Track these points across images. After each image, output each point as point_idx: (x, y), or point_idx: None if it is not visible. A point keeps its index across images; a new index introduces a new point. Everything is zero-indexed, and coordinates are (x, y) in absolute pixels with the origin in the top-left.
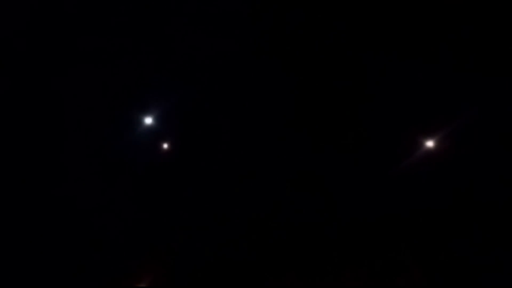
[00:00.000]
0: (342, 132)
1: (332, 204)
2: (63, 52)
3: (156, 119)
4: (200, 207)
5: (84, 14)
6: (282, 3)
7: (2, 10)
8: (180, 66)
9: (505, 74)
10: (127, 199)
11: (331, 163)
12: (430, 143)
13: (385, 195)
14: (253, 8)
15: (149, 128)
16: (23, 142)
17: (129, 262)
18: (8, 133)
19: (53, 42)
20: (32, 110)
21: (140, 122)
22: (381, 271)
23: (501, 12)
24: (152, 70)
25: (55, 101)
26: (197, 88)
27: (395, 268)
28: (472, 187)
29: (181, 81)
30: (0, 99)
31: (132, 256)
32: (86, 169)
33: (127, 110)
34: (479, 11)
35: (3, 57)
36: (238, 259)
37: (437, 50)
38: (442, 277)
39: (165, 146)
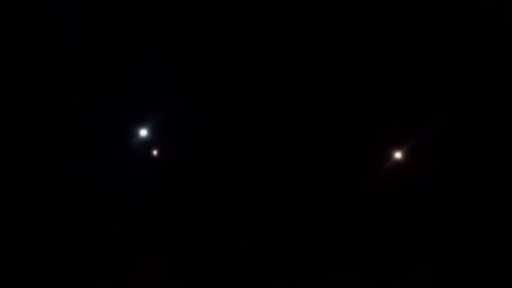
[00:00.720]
0: (324, 141)
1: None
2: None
3: (150, 130)
4: (193, 209)
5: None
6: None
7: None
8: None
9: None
10: (126, 200)
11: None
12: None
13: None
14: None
15: (144, 138)
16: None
17: (130, 262)
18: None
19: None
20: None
21: (136, 132)
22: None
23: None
24: (147, 86)
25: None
26: (189, 100)
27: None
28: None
29: (173, 95)
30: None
31: (133, 255)
32: (86, 172)
33: (125, 122)
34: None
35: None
36: (236, 259)
37: (405, 66)
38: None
39: (158, 153)
